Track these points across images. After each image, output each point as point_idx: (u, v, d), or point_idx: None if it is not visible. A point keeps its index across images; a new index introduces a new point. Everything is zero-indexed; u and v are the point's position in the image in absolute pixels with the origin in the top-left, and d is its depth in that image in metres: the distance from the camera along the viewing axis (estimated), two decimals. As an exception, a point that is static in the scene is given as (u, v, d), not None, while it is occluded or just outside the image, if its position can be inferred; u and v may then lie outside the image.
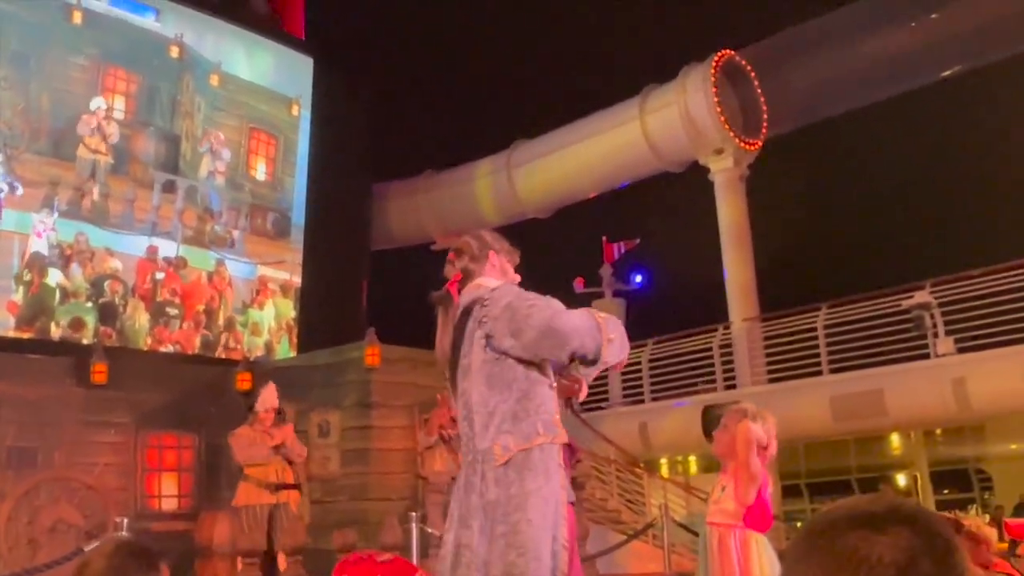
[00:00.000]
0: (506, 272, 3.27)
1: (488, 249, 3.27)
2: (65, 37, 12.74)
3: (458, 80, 23.96)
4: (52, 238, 12.30)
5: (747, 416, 4.06)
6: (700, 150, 15.77)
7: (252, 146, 15.09)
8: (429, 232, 19.99)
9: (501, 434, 2.90)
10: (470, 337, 3.05)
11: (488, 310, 3.00)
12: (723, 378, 14.46)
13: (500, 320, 2.95)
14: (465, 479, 2.99)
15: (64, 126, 12.58)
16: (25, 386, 10.63)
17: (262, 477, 7.77)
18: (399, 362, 11.75)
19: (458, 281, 3.24)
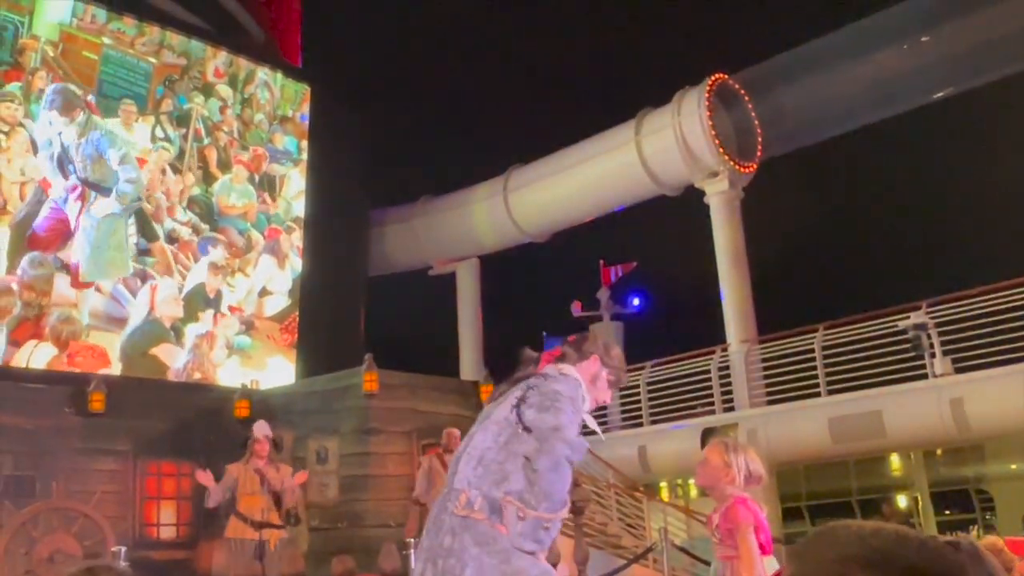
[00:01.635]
0: (596, 382, 3.29)
1: (595, 353, 3.31)
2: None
3: (454, 106, 24.12)
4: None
5: (727, 449, 4.07)
6: (696, 173, 15.84)
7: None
8: (427, 258, 20.03)
9: (474, 487, 2.90)
10: (509, 394, 3.11)
11: (539, 381, 3.08)
12: (722, 400, 14.44)
13: (539, 395, 3.02)
14: (435, 515, 2.99)
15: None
16: (23, 415, 10.62)
17: (247, 513, 7.95)
18: (398, 388, 11.75)
19: (554, 355, 3.28)
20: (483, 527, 2.84)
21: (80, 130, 13.10)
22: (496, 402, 3.14)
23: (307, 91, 16.35)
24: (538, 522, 2.86)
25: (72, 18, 13.46)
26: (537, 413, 2.96)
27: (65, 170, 12.90)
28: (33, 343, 12.23)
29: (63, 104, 12.99)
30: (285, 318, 15.24)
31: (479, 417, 3.16)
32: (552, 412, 2.95)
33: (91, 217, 13.08)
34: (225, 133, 15.08)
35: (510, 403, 3.05)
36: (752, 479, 4.02)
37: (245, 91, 15.48)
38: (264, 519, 7.95)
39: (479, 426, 3.09)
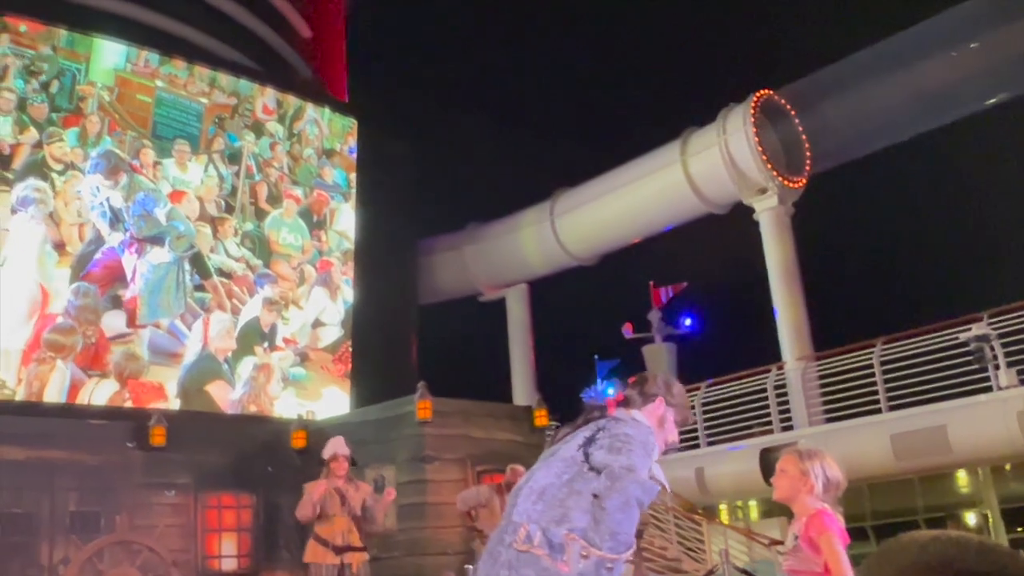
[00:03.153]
0: (664, 424, 3.27)
1: (659, 395, 3.28)
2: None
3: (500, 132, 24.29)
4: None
5: (802, 457, 3.96)
6: (744, 190, 15.72)
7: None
8: (476, 284, 20.12)
9: (533, 522, 2.89)
10: (576, 434, 3.10)
11: (610, 423, 3.07)
12: (779, 420, 14.19)
13: (610, 437, 3.00)
14: (491, 547, 2.97)
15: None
16: (86, 451, 10.86)
17: (327, 536, 7.56)
18: (451, 415, 11.77)
19: (619, 402, 3.26)
20: (543, 563, 2.82)
21: (126, 193, 13.47)
22: (562, 441, 3.11)
23: (354, 125, 16.61)
24: (601, 562, 2.83)
25: (126, 63, 13.88)
26: (607, 454, 2.94)
27: (117, 226, 13.27)
28: (96, 380, 12.51)
29: (107, 168, 13.37)
30: (338, 349, 15.40)
31: (543, 455, 3.14)
32: (624, 453, 2.93)
33: (147, 263, 13.41)
34: (276, 169, 15.37)
35: (577, 442, 3.03)
36: (831, 485, 3.91)
37: (294, 127, 15.79)
38: (345, 542, 7.56)
39: (543, 463, 3.07)
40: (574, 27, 25.43)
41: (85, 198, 13.08)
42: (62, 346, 12.29)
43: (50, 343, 12.23)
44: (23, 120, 12.84)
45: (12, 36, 12.92)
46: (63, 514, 10.55)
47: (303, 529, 7.94)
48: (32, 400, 11.89)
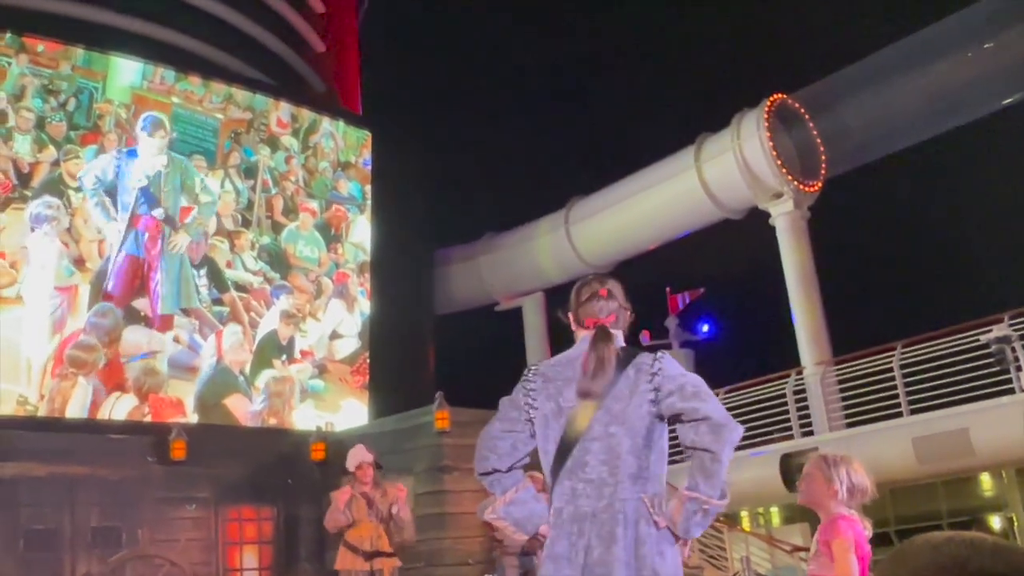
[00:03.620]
0: (624, 331, 3.21)
1: (628, 309, 3.22)
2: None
3: (513, 142, 24.33)
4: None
5: (827, 463, 3.93)
6: (759, 195, 15.66)
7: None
8: (492, 294, 20.14)
9: (645, 492, 2.90)
10: (631, 384, 2.96)
11: (661, 366, 2.97)
12: (799, 425, 14.11)
13: (673, 380, 2.94)
14: (597, 528, 2.87)
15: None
16: (107, 466, 10.93)
17: (356, 543, 7.53)
18: (470, 425, 11.75)
19: (611, 323, 3.13)
20: (665, 528, 2.85)
21: (167, 159, 13.77)
22: (616, 397, 2.95)
23: (368, 137, 16.69)
24: (714, 510, 2.87)
25: (142, 80, 14.01)
26: (690, 402, 2.88)
27: (139, 213, 13.38)
28: (116, 395, 12.60)
29: (153, 126, 13.65)
30: (356, 360, 15.44)
31: (593, 417, 2.95)
32: (710, 400, 2.91)
33: (167, 254, 13.54)
34: (291, 182, 15.46)
35: (646, 396, 2.93)
36: (856, 491, 3.87)
37: (309, 140, 15.88)
38: (374, 547, 7.52)
39: (618, 427, 2.92)
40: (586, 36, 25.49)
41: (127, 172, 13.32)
42: (84, 362, 12.39)
43: (72, 359, 12.33)
44: (42, 139, 12.98)
45: (30, 56, 13.08)
46: (85, 529, 10.61)
47: (324, 540, 7.97)
48: (54, 416, 11.98)
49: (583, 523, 2.88)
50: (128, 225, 13.34)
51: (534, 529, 3.15)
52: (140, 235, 13.39)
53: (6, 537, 10.11)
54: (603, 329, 3.08)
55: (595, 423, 2.95)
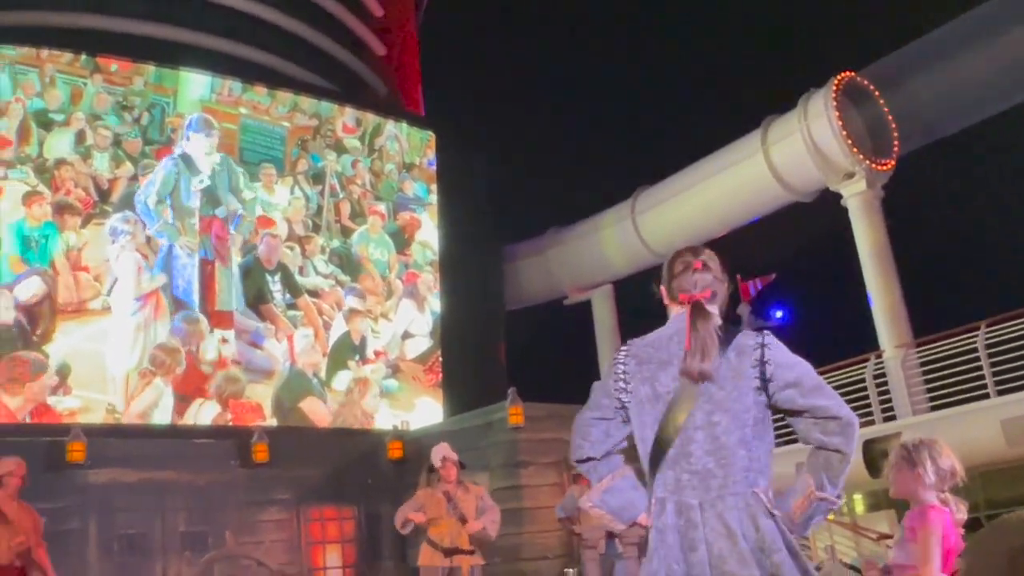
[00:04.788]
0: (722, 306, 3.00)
1: (724, 282, 3.01)
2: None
3: (577, 134, 24.26)
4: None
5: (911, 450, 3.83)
6: (830, 176, 15.32)
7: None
8: (561, 288, 20.12)
9: (759, 485, 2.75)
10: (734, 368, 2.77)
11: (772, 353, 2.78)
12: (880, 410, 13.77)
13: (790, 369, 2.77)
14: (711, 521, 2.73)
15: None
16: (193, 471, 11.25)
17: (436, 539, 7.54)
18: (543, 419, 11.78)
19: (707, 299, 2.91)
20: (781, 521, 2.74)
21: (220, 157, 14.11)
22: (719, 385, 2.76)
23: (432, 137, 16.82)
24: (834, 507, 2.80)
25: (211, 93, 14.37)
26: (813, 399, 2.73)
27: (204, 216, 13.73)
28: (199, 402, 12.96)
29: (201, 124, 14.01)
30: (428, 359, 15.59)
31: (696, 403, 2.78)
32: (833, 396, 2.78)
33: (233, 257, 13.86)
34: (358, 186, 15.68)
35: (751, 384, 2.75)
36: (945, 475, 3.77)
37: (375, 144, 16.09)
38: (453, 544, 7.49)
39: (722, 415, 2.75)
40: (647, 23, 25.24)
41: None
42: (163, 362, 12.75)
43: (153, 358, 12.72)
44: (119, 155, 13.42)
45: (104, 76, 13.53)
46: (174, 533, 10.95)
47: (405, 538, 8.01)
48: (140, 423, 12.38)
49: (691, 515, 2.73)
50: (196, 229, 13.69)
51: (631, 518, 2.99)
52: (206, 238, 13.73)
53: (102, 541, 10.50)
54: (699, 305, 2.87)
55: (697, 410, 2.77)
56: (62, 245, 12.65)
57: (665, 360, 2.85)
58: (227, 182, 14.13)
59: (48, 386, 11.97)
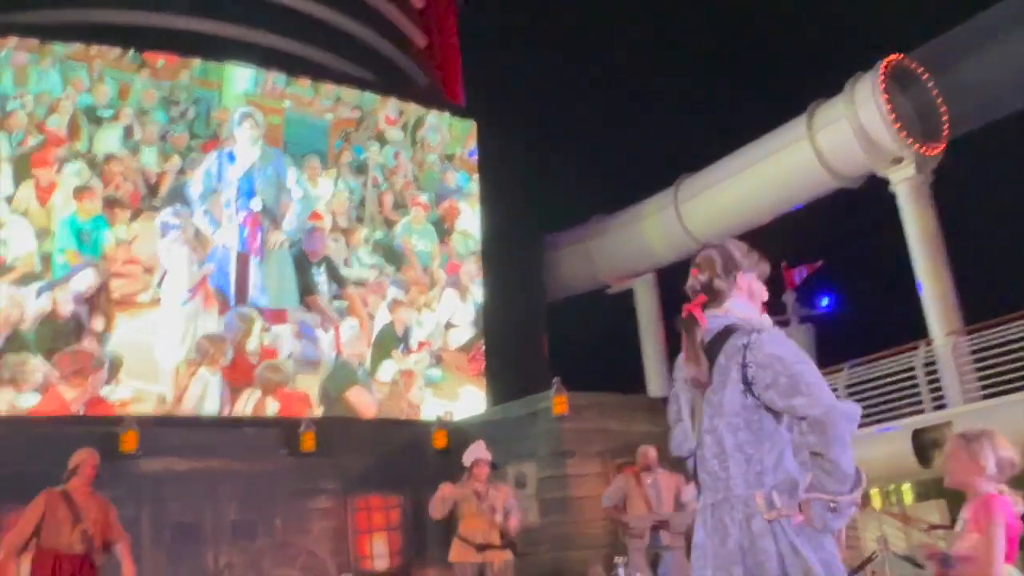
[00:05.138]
0: (753, 294, 3.05)
1: (735, 269, 3.04)
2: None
3: (618, 122, 24.11)
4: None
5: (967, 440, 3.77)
6: (877, 162, 15.05)
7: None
8: (603, 277, 20.05)
9: (763, 486, 2.79)
10: (723, 372, 2.86)
11: (752, 354, 2.81)
12: (930, 398, 13.54)
13: (766, 369, 2.78)
14: (715, 521, 2.85)
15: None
16: (242, 461, 11.43)
17: (468, 536, 7.77)
18: (588, 409, 11.79)
19: (702, 303, 3.00)
20: (785, 524, 2.74)
21: (262, 152, 14.18)
22: (713, 388, 2.88)
23: (473, 127, 16.83)
24: (847, 502, 2.74)
25: (255, 87, 14.53)
26: (788, 400, 2.72)
27: (239, 208, 13.85)
28: (248, 392, 13.15)
29: (241, 116, 14.16)
30: (471, 348, 15.64)
31: (703, 408, 2.91)
32: (805, 392, 2.71)
33: (272, 249, 13.99)
34: (400, 177, 15.75)
35: (737, 387, 2.82)
36: (1005, 465, 3.73)
37: (417, 134, 16.15)
38: (485, 540, 7.74)
39: (720, 420, 2.85)
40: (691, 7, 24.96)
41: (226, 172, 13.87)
42: (208, 352, 12.94)
43: (199, 349, 12.92)
44: (166, 149, 13.63)
45: (151, 71, 13.73)
46: (225, 522, 11.14)
47: (449, 526, 8.18)
48: (190, 413, 12.60)
49: (706, 514, 2.88)
50: (235, 222, 13.85)
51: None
52: (243, 230, 13.88)
53: (155, 530, 10.71)
54: (687, 317, 2.96)
55: (704, 415, 2.91)
56: (112, 239, 12.89)
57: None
58: (272, 175, 14.27)
59: (102, 378, 12.22)
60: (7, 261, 12.20)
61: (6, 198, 12.41)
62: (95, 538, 6.57)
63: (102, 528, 6.67)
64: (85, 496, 6.65)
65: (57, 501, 6.53)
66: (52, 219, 12.62)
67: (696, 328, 2.94)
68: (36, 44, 13.14)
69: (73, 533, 6.47)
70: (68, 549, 6.45)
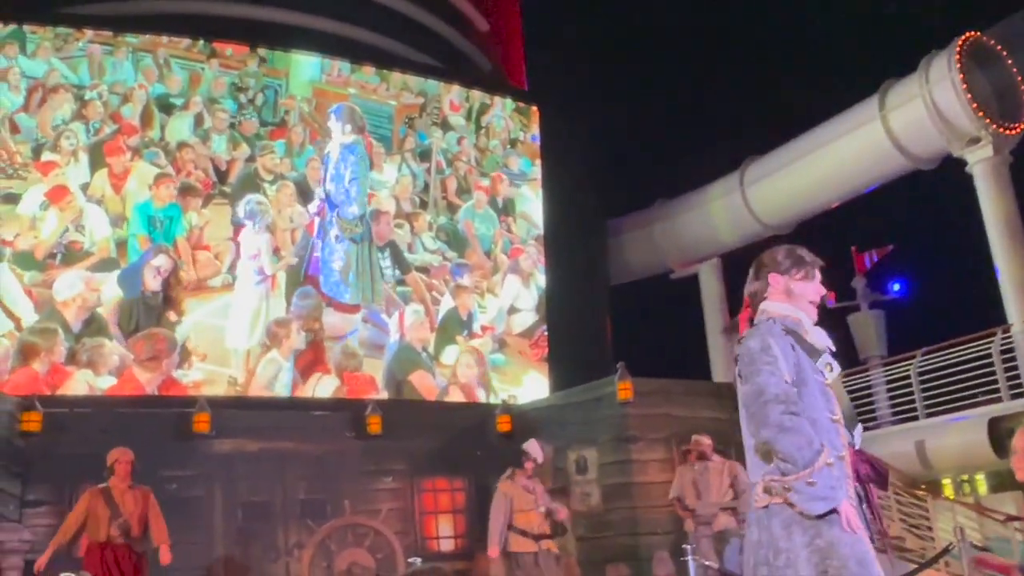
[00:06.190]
0: (792, 293, 3.11)
1: (767, 271, 3.16)
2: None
3: (682, 105, 23.81)
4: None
5: None
6: (953, 142, 14.63)
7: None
8: (667, 262, 19.88)
9: (757, 476, 2.93)
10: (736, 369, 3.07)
11: (740, 347, 3.01)
12: (1007, 387, 13.14)
13: (741, 359, 2.98)
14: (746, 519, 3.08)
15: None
16: (311, 442, 11.64)
17: (526, 527, 8.34)
18: (652, 394, 11.71)
19: (748, 309, 3.21)
20: (786, 511, 2.80)
21: (339, 148, 14.39)
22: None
23: (535, 112, 16.78)
24: (824, 476, 2.75)
25: (321, 74, 14.70)
26: (742, 387, 2.94)
27: (323, 195, 14.07)
28: (317, 375, 13.36)
29: (347, 115, 14.42)
30: (534, 333, 15.65)
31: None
32: (748, 379, 2.90)
33: (340, 240, 14.15)
34: (463, 162, 15.80)
35: (738, 383, 3.04)
36: None
37: (481, 120, 16.17)
38: (540, 531, 8.37)
39: (742, 411, 3.08)
40: (753, -11, 24.49)
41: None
42: (276, 336, 13.18)
43: (269, 332, 13.18)
44: (235, 137, 13.88)
45: (220, 60, 13.99)
46: (294, 501, 11.35)
47: (512, 507, 8.54)
48: (262, 395, 12.86)
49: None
50: (313, 212, 14.05)
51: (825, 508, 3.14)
52: (319, 220, 14.06)
53: (227, 508, 10.98)
54: (733, 325, 3.30)
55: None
56: (185, 225, 13.20)
57: None
58: (342, 163, 14.44)
59: (175, 360, 12.55)
60: (84, 247, 12.57)
61: (82, 186, 12.78)
62: (134, 529, 7.45)
63: (140, 519, 7.52)
64: (123, 491, 7.53)
65: (98, 499, 7.43)
66: (127, 206, 12.96)
67: (735, 334, 3.19)
68: (110, 36, 13.48)
69: (112, 527, 7.33)
70: (110, 540, 7.33)
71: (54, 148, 12.74)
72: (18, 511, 9.77)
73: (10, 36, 12.93)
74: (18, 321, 11.95)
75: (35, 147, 12.70)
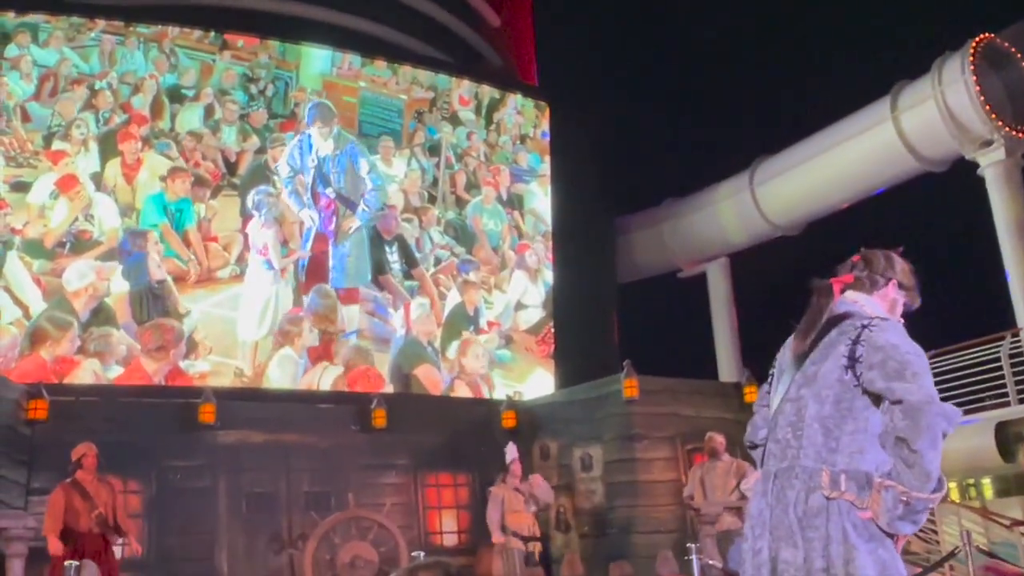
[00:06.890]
0: (894, 306, 3.04)
1: (892, 276, 3.05)
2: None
3: (692, 103, 23.76)
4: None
5: None
6: (965, 145, 14.54)
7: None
8: (675, 261, 19.82)
9: (834, 465, 2.71)
10: (830, 346, 2.83)
11: (869, 334, 2.75)
12: (1016, 391, 13.07)
13: (878, 351, 2.71)
14: (777, 490, 2.79)
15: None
16: (316, 434, 11.64)
17: (517, 528, 9.10)
18: (659, 393, 11.69)
19: (846, 283, 3.01)
20: (854, 511, 2.65)
21: (335, 143, 14.30)
22: (812, 360, 2.84)
23: (546, 108, 16.76)
24: (920, 503, 2.59)
25: (332, 68, 14.70)
26: (889, 380, 2.64)
27: (318, 191, 14.02)
28: (323, 366, 13.37)
29: (319, 116, 14.29)
30: (540, 330, 15.64)
31: (794, 375, 2.87)
32: (911, 378, 2.62)
33: (343, 233, 14.14)
34: (473, 158, 15.79)
35: (839, 361, 2.76)
36: None
37: (493, 116, 16.15)
38: (531, 533, 9.17)
39: (807, 389, 2.81)
40: (765, -12, 24.42)
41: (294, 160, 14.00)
42: (287, 332, 13.20)
43: (279, 327, 13.19)
44: (245, 129, 13.89)
45: (232, 52, 14.00)
46: (299, 493, 11.36)
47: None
48: (266, 387, 12.87)
49: (767, 483, 2.83)
50: (315, 205, 14.05)
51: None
52: (321, 213, 14.06)
53: (231, 499, 10.99)
54: (824, 285, 2.97)
55: (792, 384, 2.87)
56: (195, 216, 13.21)
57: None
58: (346, 162, 14.42)
59: (182, 351, 12.57)
60: (94, 236, 12.59)
61: (92, 176, 12.80)
62: (109, 519, 7.75)
63: (112, 510, 7.81)
64: (94, 484, 7.80)
65: (72, 493, 7.66)
66: (137, 197, 12.98)
67: (827, 299, 2.94)
68: (121, 26, 13.50)
69: (90, 517, 7.61)
70: (87, 530, 7.61)
71: (65, 137, 12.77)
72: (23, 498, 9.80)
73: (23, 25, 12.96)
74: (26, 309, 11.99)
75: (46, 135, 12.73)
